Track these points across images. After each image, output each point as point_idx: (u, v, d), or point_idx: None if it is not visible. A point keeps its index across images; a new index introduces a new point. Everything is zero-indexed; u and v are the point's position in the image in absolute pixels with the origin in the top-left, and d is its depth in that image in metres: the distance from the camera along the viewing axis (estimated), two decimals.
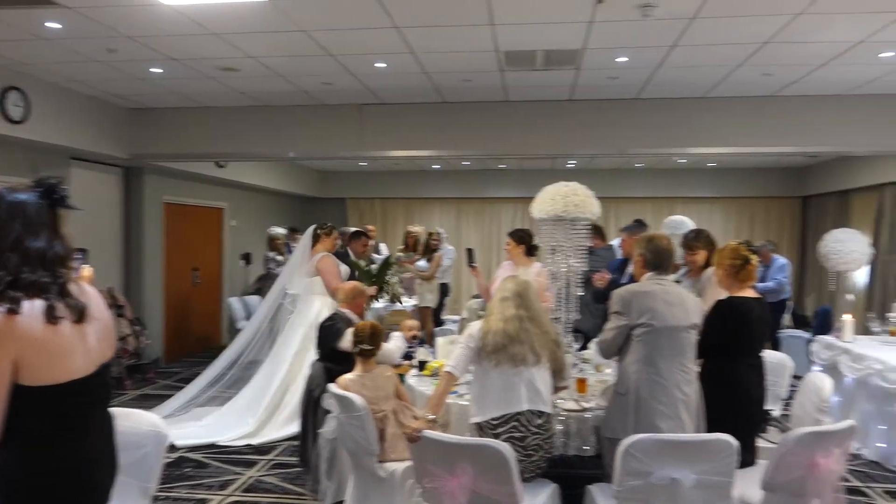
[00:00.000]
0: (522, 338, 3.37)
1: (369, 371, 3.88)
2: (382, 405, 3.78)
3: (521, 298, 3.47)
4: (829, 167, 11.52)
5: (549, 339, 3.46)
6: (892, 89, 6.66)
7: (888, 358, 5.16)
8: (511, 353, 3.34)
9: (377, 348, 3.94)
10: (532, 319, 3.43)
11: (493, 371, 3.36)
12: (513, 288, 3.51)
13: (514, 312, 3.42)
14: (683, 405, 3.29)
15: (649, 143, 7.34)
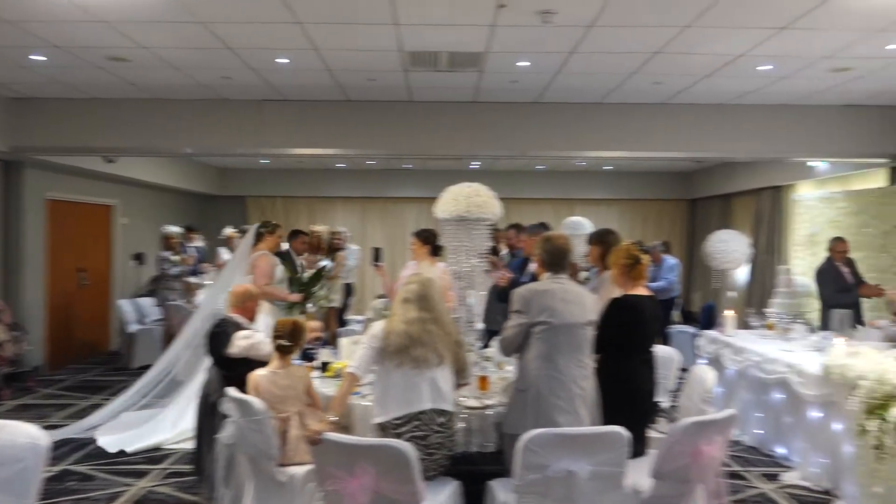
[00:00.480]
0: (425, 340, 3.37)
1: (285, 368, 3.80)
2: (289, 405, 3.69)
3: (423, 300, 3.45)
4: (713, 172, 12.24)
5: (452, 339, 3.47)
6: (769, 100, 7.15)
7: (765, 350, 5.53)
8: (413, 356, 3.34)
9: (297, 345, 3.85)
10: (435, 321, 3.42)
11: (395, 371, 3.36)
12: (415, 289, 3.49)
13: (417, 315, 3.41)
14: (580, 399, 3.40)
15: (549, 146, 7.55)
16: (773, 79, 6.26)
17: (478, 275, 4.26)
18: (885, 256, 7.60)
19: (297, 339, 3.82)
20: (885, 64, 5.69)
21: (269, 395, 3.72)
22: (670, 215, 13.65)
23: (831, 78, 6.18)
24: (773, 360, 5.32)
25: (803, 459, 4.91)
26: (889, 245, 7.56)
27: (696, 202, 13.48)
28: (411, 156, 8.59)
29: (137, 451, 5.47)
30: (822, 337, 5.59)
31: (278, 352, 3.81)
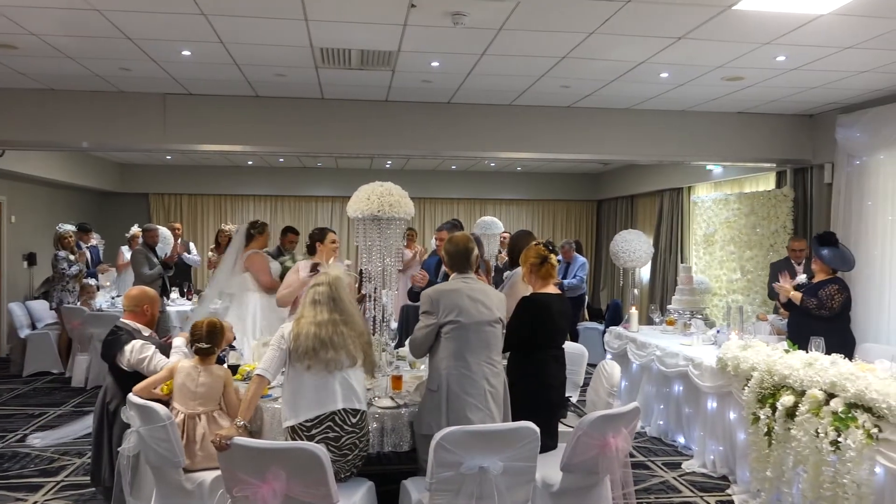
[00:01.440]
0: (336, 342, 3.30)
1: (205, 366, 3.65)
2: (201, 405, 3.56)
3: (333, 302, 3.39)
4: (619, 174, 12.71)
5: (363, 340, 3.43)
6: (669, 105, 7.48)
7: (666, 345, 5.78)
8: (324, 358, 3.28)
9: (216, 346, 3.69)
10: (346, 322, 3.37)
11: (306, 373, 3.30)
12: (325, 291, 3.41)
13: (328, 317, 3.34)
14: (491, 396, 3.45)
15: (461, 147, 7.61)
16: (672, 85, 6.56)
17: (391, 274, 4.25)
18: (774, 255, 8.10)
19: (214, 339, 3.69)
20: (773, 74, 6.06)
21: (181, 388, 3.59)
22: (578, 215, 14.07)
23: (725, 86, 6.53)
24: (673, 354, 5.56)
25: (701, 448, 5.16)
26: (777, 244, 8.07)
27: (602, 203, 13.95)
28: (323, 154, 8.46)
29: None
30: (717, 331, 5.89)
31: (197, 355, 3.67)
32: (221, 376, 3.68)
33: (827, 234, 5.39)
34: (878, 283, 6.64)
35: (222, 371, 3.72)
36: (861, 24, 4.71)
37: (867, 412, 3.39)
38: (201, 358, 3.66)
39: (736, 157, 8.01)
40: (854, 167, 7.12)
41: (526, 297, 3.82)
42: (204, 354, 3.65)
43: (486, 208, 13.42)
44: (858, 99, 6.88)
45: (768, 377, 4.10)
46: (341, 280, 3.50)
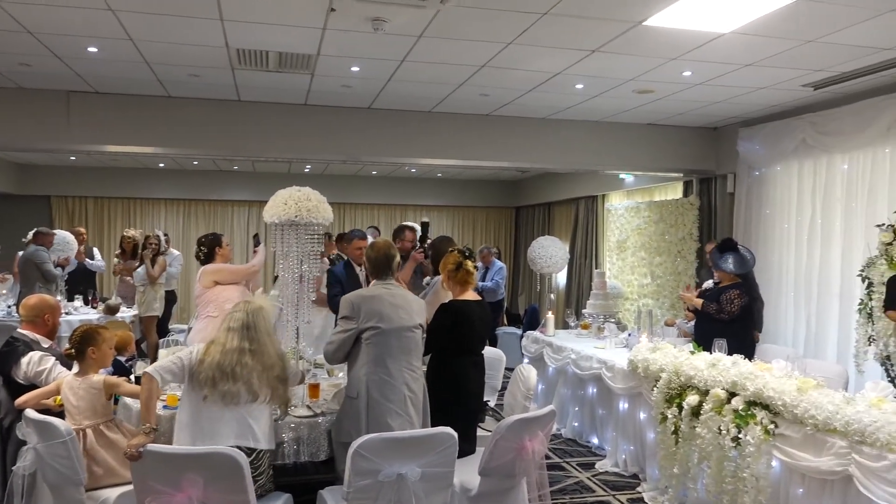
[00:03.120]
0: (238, 374, 3.15)
1: (83, 376, 3.46)
2: (85, 418, 3.38)
3: (248, 330, 3.25)
4: (536, 182, 12.99)
5: (273, 375, 3.25)
6: (584, 116, 7.71)
7: (581, 348, 5.94)
8: (222, 390, 3.12)
9: (83, 353, 3.50)
10: (255, 353, 3.21)
11: (202, 403, 3.15)
12: (241, 318, 3.27)
13: (237, 345, 3.20)
14: (411, 402, 3.45)
15: (381, 152, 7.59)
16: (587, 97, 6.76)
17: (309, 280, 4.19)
18: (682, 261, 8.48)
19: (83, 345, 3.49)
20: (680, 88, 6.35)
21: (65, 402, 3.41)
22: (497, 222, 14.28)
23: (636, 98, 6.79)
24: (588, 357, 5.72)
25: (614, 448, 5.32)
26: (685, 251, 8.44)
27: (520, 209, 14.22)
28: (239, 157, 8.25)
29: None
30: (629, 335, 6.10)
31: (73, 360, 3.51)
32: (99, 387, 3.46)
33: (726, 241, 5.67)
34: (775, 287, 7.05)
35: (99, 380, 3.49)
36: (759, 44, 5.00)
37: (765, 409, 3.58)
38: (81, 368, 3.49)
39: (646, 167, 8.34)
40: (754, 178, 7.55)
41: (444, 304, 3.85)
42: (76, 360, 3.49)
43: (407, 214, 13.43)
44: (758, 113, 7.30)
45: (675, 378, 4.28)
46: (262, 310, 3.34)
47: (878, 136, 6.00)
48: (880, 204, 5.97)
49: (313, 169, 12.04)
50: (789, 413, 3.41)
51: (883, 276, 5.16)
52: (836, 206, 6.51)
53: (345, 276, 5.28)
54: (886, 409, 3.06)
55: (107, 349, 3.61)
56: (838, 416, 3.15)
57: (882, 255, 5.22)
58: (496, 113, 7.63)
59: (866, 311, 5.29)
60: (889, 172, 5.97)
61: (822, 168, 6.71)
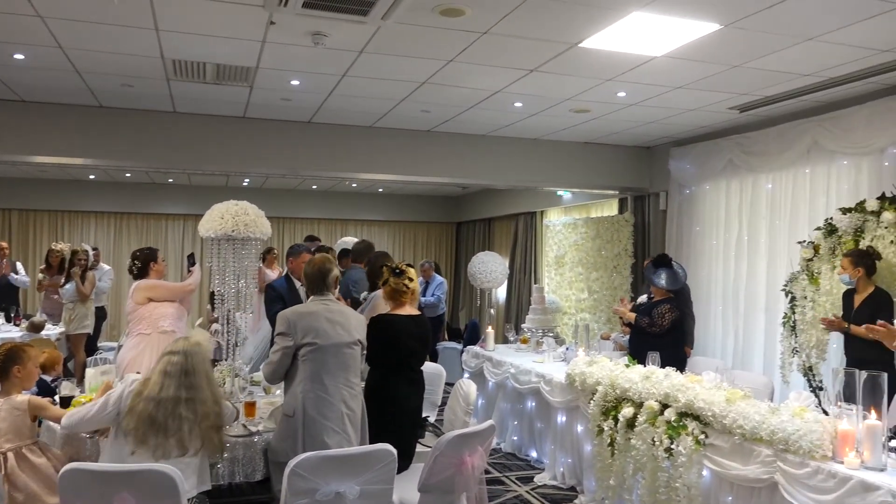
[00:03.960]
0: (170, 427, 2.92)
1: (7, 397, 3.29)
2: (8, 441, 3.21)
3: (186, 376, 2.99)
4: (477, 198, 13.10)
5: (207, 424, 3.01)
6: (524, 133, 7.84)
7: (520, 363, 5.98)
8: (152, 445, 2.91)
9: (9, 371, 3.33)
10: (191, 402, 2.98)
11: (129, 456, 2.93)
12: (179, 362, 3.02)
13: (173, 394, 2.95)
14: (349, 419, 3.41)
15: (322, 167, 7.53)
16: (525, 115, 6.88)
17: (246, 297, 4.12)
18: (617, 276, 8.68)
19: (8, 363, 3.31)
20: (615, 109, 6.53)
21: None
22: (438, 237, 14.33)
23: (573, 118, 6.95)
24: (526, 371, 5.77)
25: (552, 461, 5.37)
26: (620, 266, 8.64)
27: (461, 225, 14.31)
28: (175, 170, 8.05)
29: None
30: (566, 349, 6.19)
31: None
32: (24, 408, 3.29)
33: (660, 257, 5.85)
34: (704, 301, 7.29)
35: (24, 401, 3.32)
36: (688, 68, 5.20)
37: (696, 420, 3.69)
38: (3, 388, 3.32)
39: (583, 185, 8.52)
40: (685, 196, 7.81)
41: (375, 317, 3.84)
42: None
43: (348, 229, 13.34)
44: (689, 134, 7.57)
45: (611, 391, 4.36)
46: (200, 349, 3.11)
47: (798, 157, 6.30)
48: (801, 221, 6.27)
49: (252, 182, 11.84)
50: (718, 423, 3.52)
51: (805, 290, 5.40)
52: (762, 224, 6.79)
53: (286, 292, 5.20)
54: (808, 417, 3.19)
55: (32, 368, 3.44)
56: (764, 425, 3.26)
57: (803, 270, 5.46)
58: (437, 129, 7.68)
59: (790, 325, 5.52)
60: (809, 192, 6.27)
61: (748, 187, 6.99)
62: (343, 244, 8.70)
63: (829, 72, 5.21)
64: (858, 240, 5.08)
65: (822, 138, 6.02)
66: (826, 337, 5.28)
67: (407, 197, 13.73)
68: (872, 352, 4.45)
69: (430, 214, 14.07)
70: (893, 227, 4.85)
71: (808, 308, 5.35)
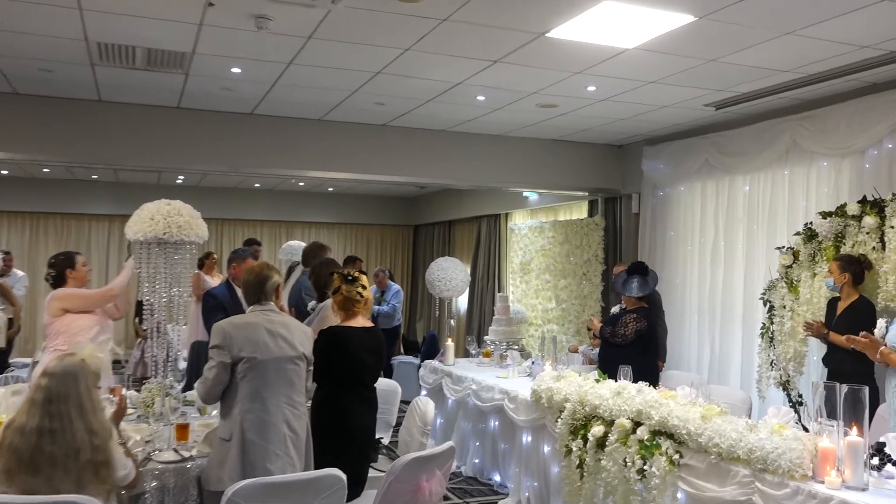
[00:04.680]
0: (38, 464, 2.63)
1: None
2: None
3: (50, 404, 2.69)
4: (436, 198, 13.12)
5: (85, 459, 2.70)
6: (486, 130, 7.88)
7: (482, 378, 6.00)
8: (20, 483, 2.63)
9: None
10: (56, 434, 2.66)
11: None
12: (46, 386, 2.72)
13: (36, 424, 2.66)
14: (292, 442, 3.37)
15: (266, 163, 7.45)
16: (488, 109, 6.92)
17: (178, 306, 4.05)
18: (587, 283, 8.78)
19: None
20: (584, 104, 6.62)
21: None
22: (394, 241, 14.31)
23: (539, 113, 7.01)
24: (489, 387, 5.78)
25: (517, 485, 5.39)
26: (590, 273, 8.75)
27: (419, 228, 14.31)
28: (99, 165, 7.87)
29: None
30: (532, 363, 6.23)
31: None
32: None
33: (635, 265, 5.93)
34: (679, 311, 7.42)
35: None
36: (662, 61, 5.29)
37: (670, 438, 3.74)
38: None
39: (550, 185, 8.60)
40: (658, 198, 7.95)
41: (323, 329, 3.80)
42: None
43: (294, 232, 13.23)
44: (662, 132, 7.71)
45: (580, 408, 4.40)
46: (82, 369, 2.79)
47: (776, 157, 6.47)
48: (780, 226, 6.43)
49: (187, 180, 11.66)
50: (694, 442, 3.57)
51: (783, 299, 5.54)
52: (739, 228, 6.95)
53: (228, 300, 5.12)
54: (787, 435, 3.26)
55: None
56: (741, 443, 3.33)
57: (782, 277, 5.60)
58: (393, 123, 7.67)
59: (768, 336, 5.65)
60: (787, 194, 6.44)
61: (724, 189, 7.15)
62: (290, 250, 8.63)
63: (808, 68, 5.37)
64: (839, 245, 5.24)
65: (801, 138, 6.19)
66: (804, 349, 5.42)
67: (359, 197, 13.67)
68: (851, 363, 4.60)
69: (384, 216, 14.04)
70: (875, 232, 5.02)
71: (786, 318, 5.49)
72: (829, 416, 3.19)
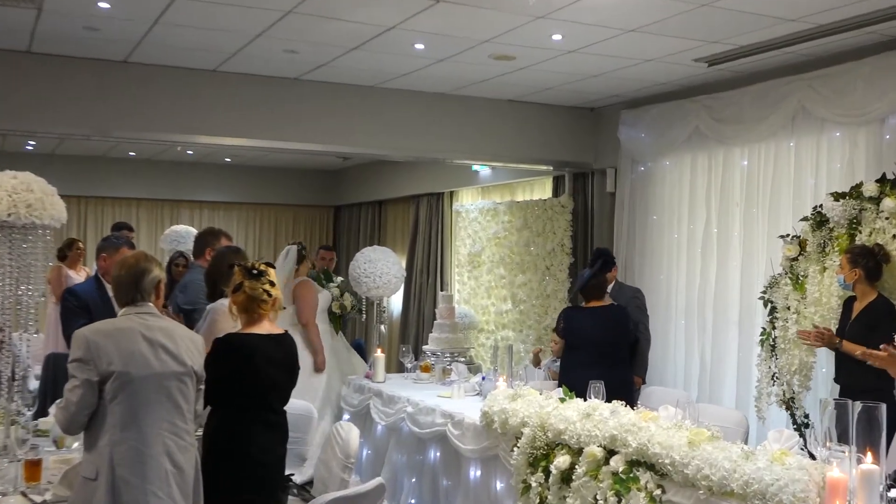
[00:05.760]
0: None
1: None
2: None
3: None
4: (363, 172, 13.08)
5: None
6: (426, 86, 7.87)
7: (420, 398, 6.00)
8: None
9: None
10: None
11: None
12: None
13: None
14: (175, 480, 3.34)
15: (143, 126, 7.30)
16: (429, 60, 6.92)
17: (29, 308, 3.98)
18: (551, 280, 8.87)
19: None
20: (549, 56, 6.67)
21: None
22: (309, 225, 14.24)
23: (493, 66, 7.04)
24: (429, 409, 5.79)
25: None
26: (555, 266, 8.84)
27: (341, 209, 14.26)
28: None
29: None
30: (482, 378, 6.27)
31: None
32: None
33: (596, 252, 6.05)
34: (662, 314, 7.57)
35: None
36: (644, 5, 5.36)
37: (650, 470, 3.81)
38: None
39: (506, 157, 8.66)
40: (638, 174, 8.09)
41: (219, 338, 3.79)
42: None
43: (181, 213, 13.05)
44: (644, 93, 7.83)
45: (541, 434, 4.44)
46: None
47: (781, 125, 6.63)
48: (784, 209, 6.61)
49: (40, 146, 11.41)
50: (679, 474, 3.65)
51: (788, 298, 5.69)
52: (735, 212, 7.11)
53: (96, 301, 5.04)
54: (791, 463, 3.35)
55: None
56: (736, 475, 3.41)
57: (786, 272, 5.75)
58: (308, 77, 7.60)
59: (769, 343, 5.80)
60: (794, 171, 6.61)
61: (718, 163, 7.32)
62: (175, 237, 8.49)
63: (819, 17, 5.51)
64: (854, 233, 5.39)
65: (810, 102, 6.36)
66: (811, 359, 5.58)
67: (266, 170, 13.53)
68: (868, 377, 4.73)
69: (297, 195, 13.93)
70: (895, 217, 5.17)
71: (791, 322, 5.64)
72: (839, 440, 3.29)
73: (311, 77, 7.61)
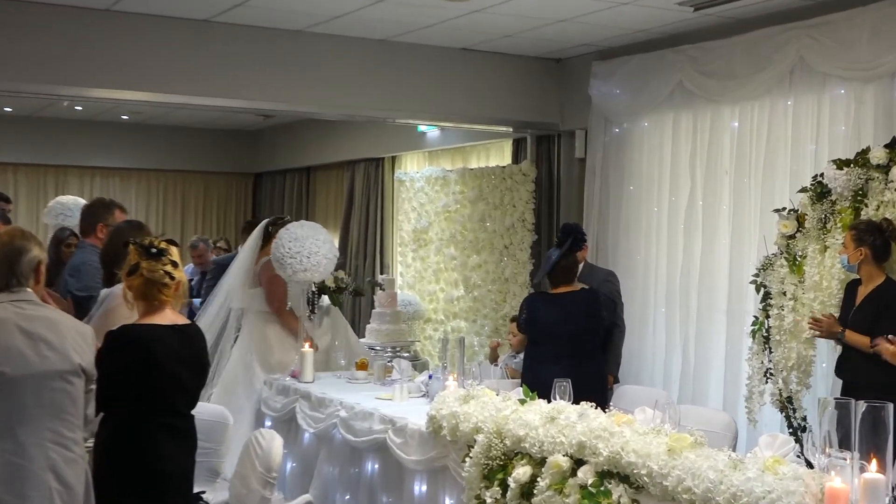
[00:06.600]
0: None
1: None
2: None
3: None
4: (287, 134, 12.98)
5: None
6: (366, 32, 7.81)
7: (355, 400, 5.98)
8: None
9: None
10: None
11: None
12: None
13: None
14: (62, 498, 3.34)
15: (19, 76, 7.14)
16: (368, 0, 6.85)
17: None
18: (510, 261, 8.88)
19: None
20: None
21: None
22: (224, 196, 14.13)
23: (443, 8, 6.99)
24: (366, 414, 5.77)
25: None
26: (515, 245, 8.85)
27: (262, 177, 14.14)
28: None
29: None
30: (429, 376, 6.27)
31: None
32: None
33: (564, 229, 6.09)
34: (640, 302, 7.63)
35: None
36: None
37: (624, 482, 3.85)
38: None
39: (458, 116, 8.64)
40: (612, 136, 8.11)
41: (113, 330, 3.76)
42: None
43: (69, 182, 12.89)
44: (619, 41, 7.85)
45: (498, 441, 4.45)
46: None
47: (777, 81, 6.69)
48: (779, 178, 6.68)
49: None
50: (657, 486, 3.69)
51: (783, 282, 5.75)
52: (724, 182, 7.17)
53: None
54: (785, 473, 3.40)
55: None
56: (722, 486, 3.45)
57: (782, 252, 5.81)
58: (220, 19, 7.49)
59: (762, 334, 5.87)
60: (791, 134, 6.68)
61: (704, 124, 7.37)
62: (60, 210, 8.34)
63: None
64: (859, 207, 5.45)
65: (810, 54, 6.41)
66: (811, 352, 5.65)
67: (171, 130, 13.37)
68: (875, 372, 4.81)
69: (210, 160, 13.80)
70: None
71: (787, 309, 5.70)
72: (840, 446, 3.34)
73: (223, 18, 7.49)
